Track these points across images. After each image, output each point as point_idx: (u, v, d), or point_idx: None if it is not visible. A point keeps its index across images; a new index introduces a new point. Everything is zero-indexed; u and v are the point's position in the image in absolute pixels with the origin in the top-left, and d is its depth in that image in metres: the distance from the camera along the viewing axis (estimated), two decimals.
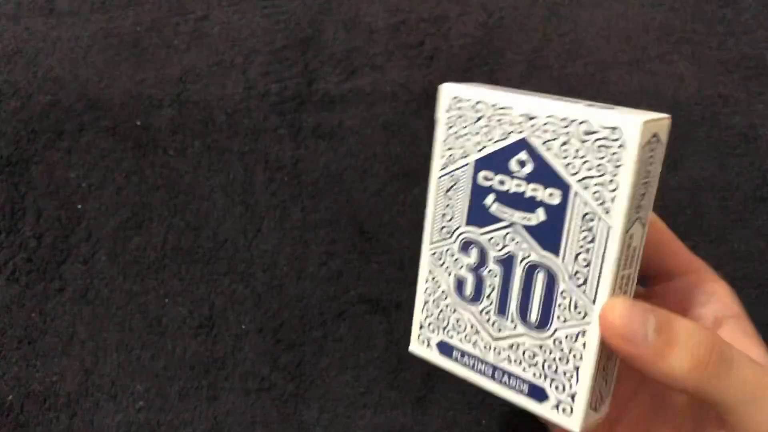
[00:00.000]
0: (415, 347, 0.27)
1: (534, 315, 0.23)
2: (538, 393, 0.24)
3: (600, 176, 0.21)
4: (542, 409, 0.24)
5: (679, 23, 0.42)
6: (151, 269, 0.38)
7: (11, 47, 0.40)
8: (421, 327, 0.27)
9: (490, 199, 0.24)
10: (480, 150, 0.24)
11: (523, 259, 0.23)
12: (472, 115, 0.24)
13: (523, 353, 0.24)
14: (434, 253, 0.27)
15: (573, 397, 0.23)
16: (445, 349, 0.26)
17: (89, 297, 0.38)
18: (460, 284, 0.26)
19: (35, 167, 0.38)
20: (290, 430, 0.36)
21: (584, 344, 0.22)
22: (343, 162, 0.40)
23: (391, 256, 0.38)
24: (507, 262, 0.24)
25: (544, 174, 0.23)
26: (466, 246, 0.25)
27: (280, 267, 0.38)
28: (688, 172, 0.40)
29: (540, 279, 0.23)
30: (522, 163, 0.23)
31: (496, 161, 0.24)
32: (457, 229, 0.26)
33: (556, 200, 0.22)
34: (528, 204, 0.23)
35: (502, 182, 0.24)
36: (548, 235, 0.23)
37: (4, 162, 0.38)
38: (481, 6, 0.42)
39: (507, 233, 0.24)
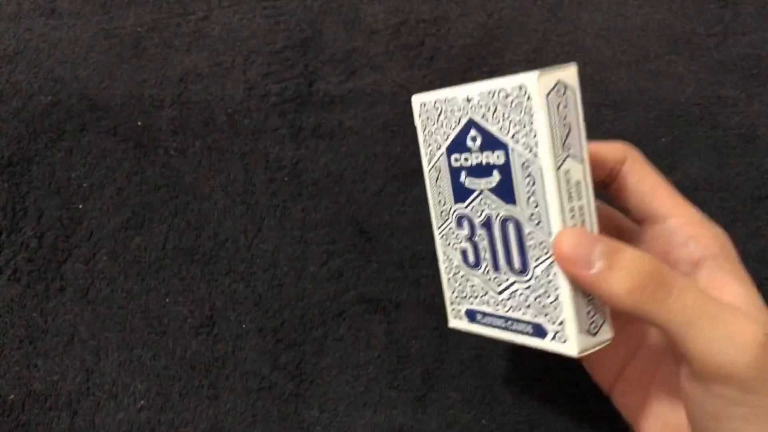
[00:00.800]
0: (453, 323, 0.31)
1: (517, 262, 0.27)
2: (539, 331, 0.27)
3: (523, 128, 0.25)
4: (546, 344, 0.26)
5: (678, 24, 0.42)
6: (151, 269, 0.38)
7: (12, 48, 0.40)
8: (451, 303, 0.31)
9: (463, 175, 0.28)
10: (446, 138, 0.29)
11: (496, 216, 0.27)
12: (434, 114, 0.29)
13: (520, 298, 0.27)
14: (442, 236, 0.30)
15: (563, 324, 0.25)
16: (471, 315, 0.30)
17: (90, 297, 0.38)
18: (464, 255, 0.29)
19: (36, 167, 0.39)
20: (290, 429, 0.36)
21: (555, 273, 0.25)
22: (343, 162, 0.40)
23: (391, 256, 0.39)
24: (487, 224, 0.28)
25: (489, 141, 0.27)
26: (459, 221, 0.29)
27: (281, 267, 0.38)
28: (687, 172, 0.40)
29: (511, 229, 0.27)
30: (474, 139, 0.27)
31: (458, 143, 0.28)
32: (450, 209, 0.29)
33: (501, 160, 0.26)
34: (486, 170, 0.27)
35: (466, 159, 0.28)
36: (505, 190, 0.26)
37: (6, 162, 0.38)
38: (481, 7, 0.42)
39: (481, 199, 0.28)
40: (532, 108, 0.24)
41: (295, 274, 0.38)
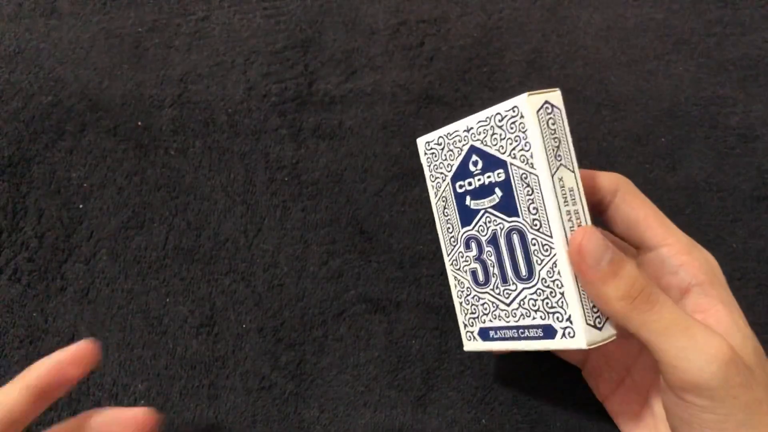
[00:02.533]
0: (467, 346, 0.32)
1: (523, 270, 0.29)
2: (549, 332, 0.28)
3: (518, 144, 0.28)
4: (556, 344, 0.28)
5: (678, 24, 0.42)
6: (152, 269, 0.38)
7: (13, 48, 0.40)
8: (465, 326, 0.32)
9: (467, 199, 0.31)
10: (450, 170, 0.32)
11: (501, 230, 0.30)
12: (438, 150, 0.32)
13: (528, 304, 0.29)
14: (452, 262, 0.32)
15: (570, 319, 0.27)
16: (484, 334, 0.31)
17: (91, 296, 0.38)
18: (474, 275, 0.31)
19: (37, 167, 0.39)
20: (290, 429, 0.36)
21: (559, 271, 0.27)
22: (343, 162, 0.40)
23: (391, 255, 0.39)
24: (493, 240, 0.30)
25: (489, 162, 0.29)
26: (467, 243, 0.31)
27: (281, 267, 0.38)
28: (687, 172, 0.40)
29: (516, 240, 0.29)
30: (476, 163, 0.30)
31: (462, 171, 0.31)
32: (458, 234, 0.32)
33: (502, 177, 0.29)
34: (489, 189, 0.30)
35: (470, 183, 0.31)
36: (508, 204, 0.29)
37: (6, 162, 0.38)
38: (481, 7, 0.42)
39: (486, 218, 0.30)
40: (525, 124, 0.28)
41: (295, 274, 0.38)
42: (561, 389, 0.37)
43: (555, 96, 0.28)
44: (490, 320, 0.31)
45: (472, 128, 0.30)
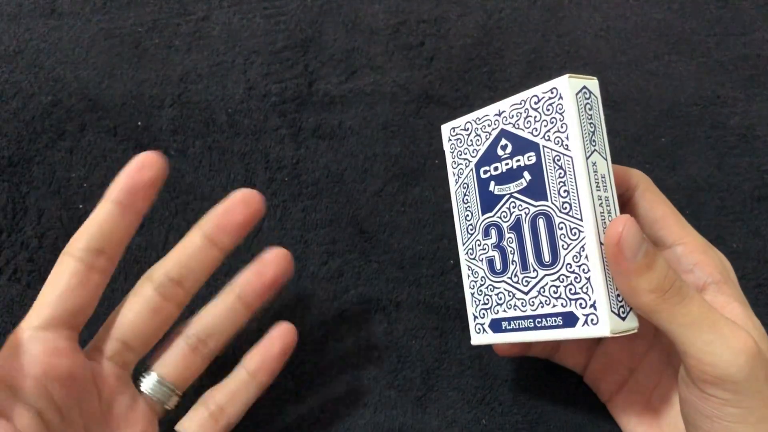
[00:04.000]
0: (475, 339, 0.32)
1: (546, 255, 0.28)
2: (569, 319, 0.27)
3: (554, 126, 0.28)
4: (577, 332, 0.27)
5: (678, 24, 0.42)
6: None
7: (13, 48, 0.40)
8: (474, 319, 0.32)
9: (491, 185, 0.30)
10: (476, 155, 0.31)
11: (526, 215, 0.29)
12: (464, 135, 0.32)
13: (549, 291, 0.28)
14: (467, 251, 0.32)
15: (594, 305, 0.27)
16: (496, 325, 0.31)
17: None
18: (491, 263, 0.31)
19: (37, 167, 0.39)
20: (290, 429, 0.36)
21: (587, 256, 0.27)
22: (343, 162, 0.40)
23: (391, 256, 0.39)
24: (517, 226, 0.29)
25: (520, 146, 0.29)
26: (486, 230, 0.31)
27: None
28: (687, 172, 0.40)
29: (541, 224, 0.28)
30: (504, 147, 0.30)
31: (488, 155, 0.31)
32: (477, 221, 0.31)
33: (533, 160, 0.29)
34: (516, 173, 0.29)
35: (496, 168, 0.30)
36: (536, 188, 0.28)
37: (6, 162, 0.38)
38: (481, 7, 0.42)
39: (510, 203, 0.30)
40: (563, 105, 0.27)
41: (295, 274, 0.38)
42: (561, 389, 0.37)
43: (593, 84, 0.28)
44: (504, 310, 0.30)
45: (504, 112, 0.30)
